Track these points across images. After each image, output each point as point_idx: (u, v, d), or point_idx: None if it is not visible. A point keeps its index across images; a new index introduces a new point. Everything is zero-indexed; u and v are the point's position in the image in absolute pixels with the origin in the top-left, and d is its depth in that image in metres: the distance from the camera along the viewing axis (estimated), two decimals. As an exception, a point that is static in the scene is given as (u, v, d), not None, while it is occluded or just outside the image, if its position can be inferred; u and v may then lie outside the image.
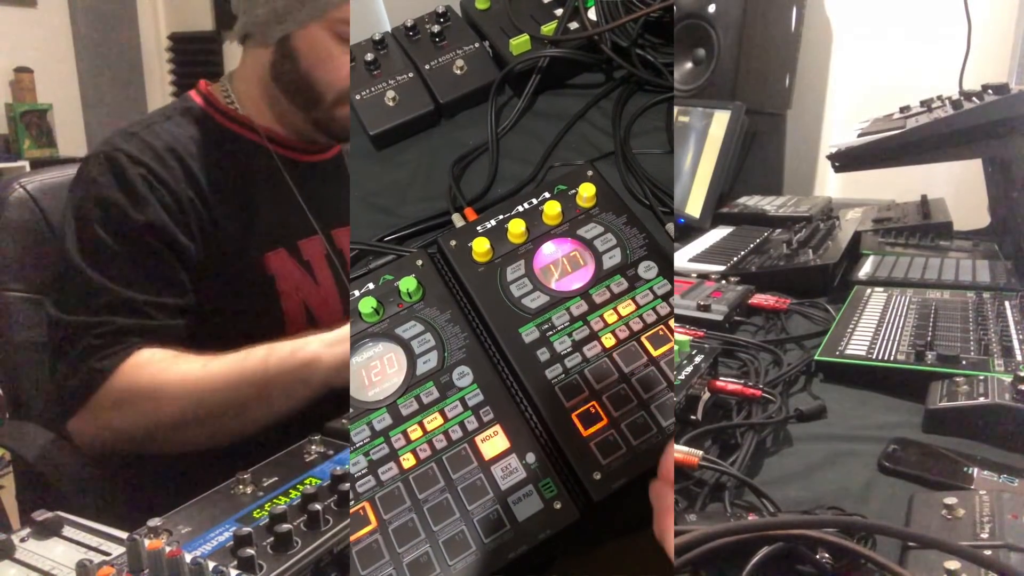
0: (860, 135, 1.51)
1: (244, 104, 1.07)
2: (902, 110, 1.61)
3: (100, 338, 0.88)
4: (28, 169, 3.20)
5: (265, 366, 0.86)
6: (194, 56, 3.88)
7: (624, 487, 0.57)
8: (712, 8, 2.11)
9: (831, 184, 2.48)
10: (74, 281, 0.91)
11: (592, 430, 0.59)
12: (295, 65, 1.00)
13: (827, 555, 0.55)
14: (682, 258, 1.52)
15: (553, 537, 0.56)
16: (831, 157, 1.45)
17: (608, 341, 0.64)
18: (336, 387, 0.83)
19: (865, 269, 1.38)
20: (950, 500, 0.61)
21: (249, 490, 0.61)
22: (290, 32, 0.98)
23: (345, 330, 0.84)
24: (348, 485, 0.59)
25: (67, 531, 0.56)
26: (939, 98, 1.51)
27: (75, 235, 0.93)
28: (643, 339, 0.64)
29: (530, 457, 0.59)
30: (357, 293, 0.69)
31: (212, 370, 0.87)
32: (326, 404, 0.82)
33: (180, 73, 3.93)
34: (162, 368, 0.88)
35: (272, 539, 0.54)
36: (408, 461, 0.59)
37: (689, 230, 1.75)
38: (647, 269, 0.68)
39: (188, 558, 0.50)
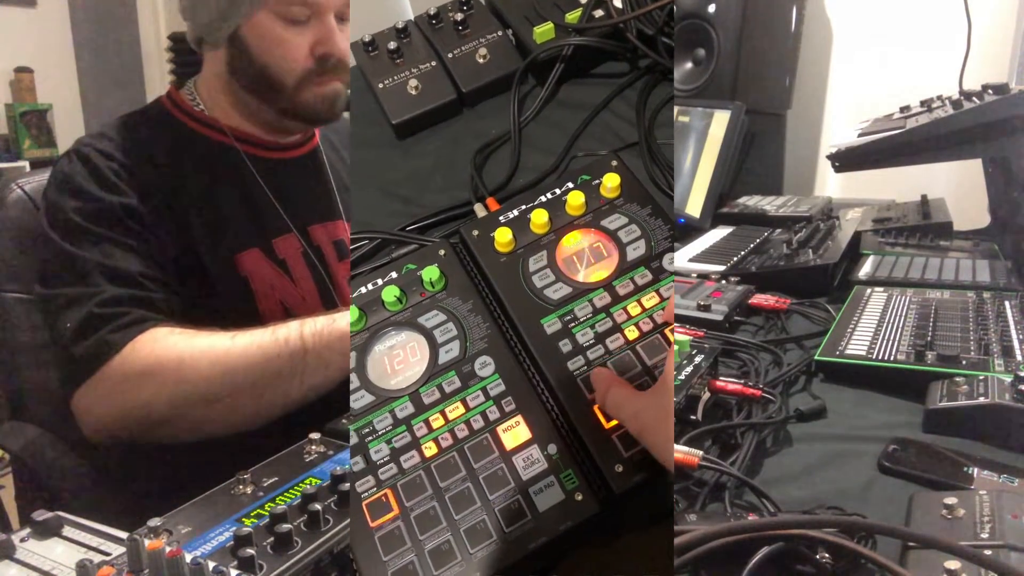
0: (860, 135, 1.51)
1: (210, 106, 1.07)
2: (902, 110, 1.61)
3: (103, 306, 0.85)
4: (28, 169, 3.20)
5: (300, 336, 0.83)
6: (194, 56, 3.87)
7: (646, 480, 0.56)
8: (712, 8, 2.11)
9: (831, 184, 2.48)
10: (59, 260, 0.90)
11: (614, 422, 0.59)
12: (249, 58, 1.00)
13: (827, 555, 0.55)
14: (682, 258, 1.52)
15: (573, 529, 0.55)
16: (831, 157, 1.46)
17: (631, 333, 0.63)
18: None
19: (865, 269, 1.38)
20: (950, 500, 0.61)
21: (249, 490, 0.61)
22: (237, 26, 0.98)
23: None
24: (348, 485, 0.59)
25: (67, 531, 0.56)
26: (939, 98, 1.51)
27: (54, 223, 0.92)
28: (667, 332, 0.63)
29: (551, 448, 0.59)
30: (380, 281, 0.69)
31: (241, 342, 0.84)
32: (327, 403, 0.81)
33: (180, 73, 3.91)
34: (186, 339, 0.84)
35: (272, 539, 0.54)
36: (430, 450, 0.59)
37: (689, 230, 1.75)
38: (672, 261, 0.67)
39: (188, 558, 0.50)
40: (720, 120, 1.67)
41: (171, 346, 0.84)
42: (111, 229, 0.91)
